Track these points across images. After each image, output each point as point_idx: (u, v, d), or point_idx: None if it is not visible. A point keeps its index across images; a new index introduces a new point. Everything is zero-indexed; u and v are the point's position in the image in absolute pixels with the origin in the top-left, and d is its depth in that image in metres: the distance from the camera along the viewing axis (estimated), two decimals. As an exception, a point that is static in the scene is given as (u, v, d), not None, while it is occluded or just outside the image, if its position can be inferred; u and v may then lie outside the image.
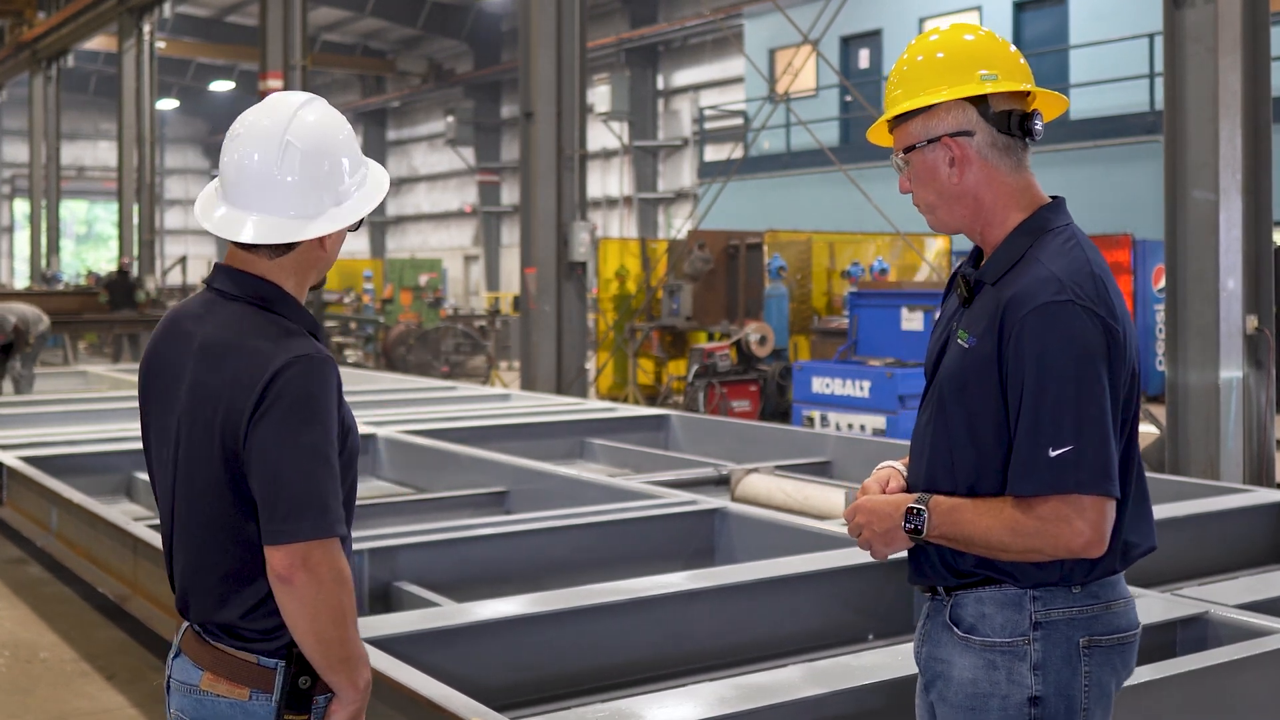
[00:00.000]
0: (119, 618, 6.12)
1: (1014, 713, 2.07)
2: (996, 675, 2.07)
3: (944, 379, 2.15)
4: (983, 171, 2.14)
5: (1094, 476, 1.98)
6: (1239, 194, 7.41)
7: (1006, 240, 2.14)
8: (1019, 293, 2.05)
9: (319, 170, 2.04)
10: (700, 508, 5.87)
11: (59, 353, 20.59)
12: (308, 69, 16.95)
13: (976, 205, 2.16)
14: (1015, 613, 2.08)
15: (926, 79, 2.17)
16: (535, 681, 4.08)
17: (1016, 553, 2.03)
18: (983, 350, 2.07)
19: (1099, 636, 2.08)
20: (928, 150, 2.16)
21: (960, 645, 2.12)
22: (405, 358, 19.02)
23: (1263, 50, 7.47)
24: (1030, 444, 2.00)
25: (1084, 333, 2.01)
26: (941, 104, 2.14)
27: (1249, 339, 7.43)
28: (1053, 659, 2.06)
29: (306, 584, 1.92)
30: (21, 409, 9.49)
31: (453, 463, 7.53)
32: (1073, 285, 2.03)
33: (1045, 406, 2.00)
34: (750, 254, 14.57)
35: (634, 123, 30.06)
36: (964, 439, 2.11)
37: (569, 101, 12.90)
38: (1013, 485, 2.03)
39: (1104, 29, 17.80)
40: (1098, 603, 2.09)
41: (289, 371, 1.95)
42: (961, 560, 2.11)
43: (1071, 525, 1.98)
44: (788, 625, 4.57)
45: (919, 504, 2.09)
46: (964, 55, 2.16)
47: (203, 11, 35.16)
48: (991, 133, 2.14)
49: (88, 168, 46.13)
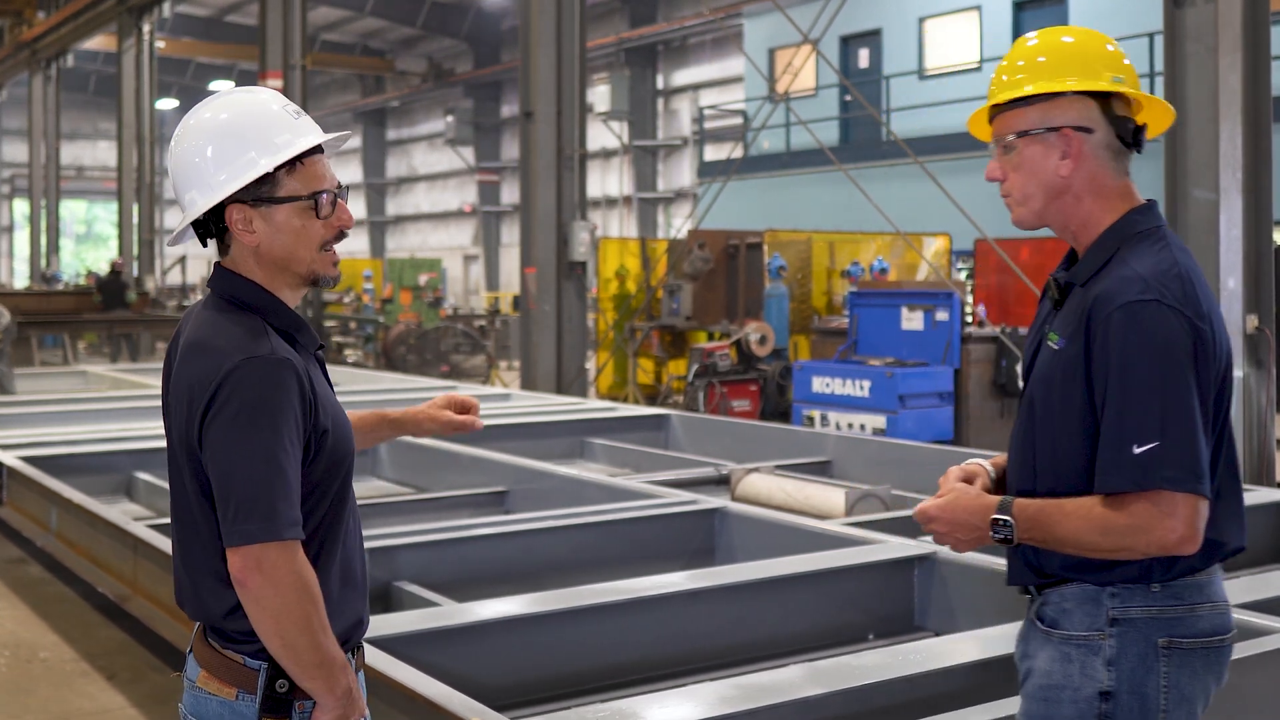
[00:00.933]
0: (119, 617, 6.12)
1: (1084, 706, 2.08)
2: (1070, 668, 2.10)
3: (1035, 381, 2.18)
4: (1092, 170, 2.15)
5: (1181, 473, 1.98)
6: (1239, 193, 7.41)
7: (1096, 242, 2.15)
8: (1104, 293, 2.06)
9: (190, 161, 2.07)
10: (700, 507, 5.87)
11: (59, 352, 20.59)
12: (307, 69, 16.96)
13: (1076, 203, 2.17)
14: (1094, 608, 2.09)
15: (1054, 68, 2.15)
16: (535, 681, 4.08)
17: (1107, 551, 2.03)
18: (1071, 351, 2.09)
19: (1180, 639, 2.07)
20: (1043, 138, 2.15)
21: (1042, 639, 2.15)
22: (405, 357, 19.01)
23: (1263, 50, 7.47)
24: (1115, 441, 2.02)
25: (1168, 331, 2.01)
26: (1066, 95, 2.13)
27: (1249, 338, 7.43)
28: (1128, 656, 2.07)
29: (262, 587, 1.92)
30: (21, 409, 9.49)
31: (453, 462, 7.53)
32: (1158, 285, 2.04)
33: (1130, 404, 2.01)
34: (750, 253, 14.57)
35: (634, 122, 30.05)
36: (1053, 439, 2.13)
37: (569, 101, 12.89)
38: (1100, 483, 2.04)
39: (1104, 28, 17.66)
40: (1181, 604, 2.08)
41: (238, 373, 1.94)
42: (1045, 561, 2.14)
43: (1163, 523, 1.98)
44: (788, 625, 4.57)
45: (1001, 513, 2.10)
46: (1093, 52, 2.16)
47: (202, 11, 35.15)
48: (1110, 134, 2.15)
49: (87, 167, 46.12)
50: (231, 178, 2.02)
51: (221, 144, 2.04)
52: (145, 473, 7.41)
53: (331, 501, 2.06)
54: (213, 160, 2.04)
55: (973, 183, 17.83)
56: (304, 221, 2.06)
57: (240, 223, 2.04)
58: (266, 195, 2.03)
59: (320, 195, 2.06)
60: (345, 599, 2.10)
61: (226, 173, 2.03)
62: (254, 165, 2.02)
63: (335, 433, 2.06)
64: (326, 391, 2.09)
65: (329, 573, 2.06)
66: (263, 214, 2.04)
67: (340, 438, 2.07)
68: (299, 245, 2.06)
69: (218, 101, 2.11)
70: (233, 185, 2.02)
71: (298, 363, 2.00)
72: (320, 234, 2.07)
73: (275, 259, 2.06)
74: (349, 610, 2.11)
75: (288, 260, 2.06)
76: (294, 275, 2.08)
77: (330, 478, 2.05)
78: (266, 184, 2.03)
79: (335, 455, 2.05)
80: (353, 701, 2.02)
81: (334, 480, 2.06)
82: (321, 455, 2.02)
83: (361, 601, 2.15)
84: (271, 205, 2.03)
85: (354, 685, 2.03)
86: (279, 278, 2.08)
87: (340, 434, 2.07)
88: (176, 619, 4.96)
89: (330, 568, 2.06)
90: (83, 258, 45.87)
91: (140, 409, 9.48)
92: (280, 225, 2.04)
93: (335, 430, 2.06)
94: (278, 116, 2.07)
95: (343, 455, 2.08)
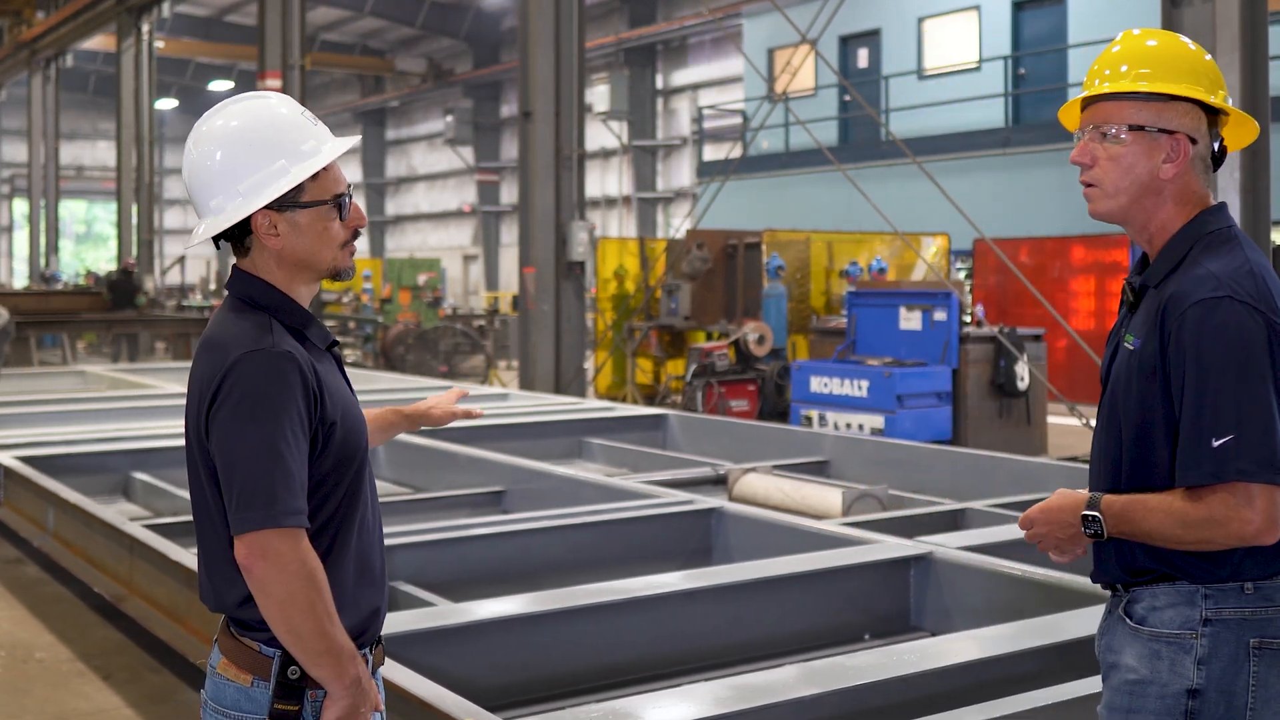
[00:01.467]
0: (115, 618, 6.11)
1: (1171, 702, 2.11)
2: (1159, 664, 2.12)
3: (1114, 382, 2.22)
4: (1186, 178, 2.19)
5: (1258, 465, 2.01)
6: (1237, 193, 7.42)
7: (1170, 243, 2.19)
8: (1178, 291, 2.10)
9: (211, 168, 2.10)
10: (697, 507, 5.87)
11: (58, 352, 20.58)
12: (306, 69, 16.95)
13: (1160, 206, 2.20)
14: (1188, 608, 2.12)
15: (1177, 71, 2.18)
16: (531, 681, 4.08)
17: (1190, 543, 2.07)
18: (1147, 350, 2.13)
19: (1272, 639, 2.09)
20: (1154, 137, 2.17)
21: (1130, 635, 2.17)
22: (404, 357, 19.00)
23: (1261, 49, 7.47)
24: (1193, 435, 2.05)
25: (1241, 326, 2.05)
26: (1183, 101, 2.17)
27: (1247, 338, 7.43)
28: (1219, 656, 2.09)
29: (267, 573, 1.97)
30: (19, 408, 9.48)
31: (450, 462, 7.52)
32: (1230, 282, 2.08)
33: (1206, 398, 2.05)
34: (749, 253, 14.56)
35: (633, 122, 30.05)
36: (1133, 438, 2.16)
37: (567, 101, 12.89)
38: (1180, 477, 2.08)
39: (1103, 28, 17.79)
40: (1273, 605, 2.10)
41: (240, 366, 2.01)
42: (1137, 559, 2.17)
43: (1240, 514, 2.02)
44: (784, 625, 4.56)
45: (1091, 508, 2.15)
46: (1207, 68, 2.21)
47: (201, 11, 35.14)
48: (1208, 148, 2.20)
49: (87, 167, 46.11)
50: (264, 185, 2.07)
51: (247, 151, 2.09)
52: (143, 473, 7.41)
53: (345, 494, 2.11)
54: (239, 167, 2.08)
55: (972, 183, 17.88)
56: (326, 224, 2.13)
57: (265, 227, 2.10)
58: (292, 200, 2.09)
59: (342, 199, 2.14)
60: (361, 592, 2.14)
61: (255, 180, 2.08)
62: (285, 173, 2.08)
63: (345, 426, 2.10)
64: (339, 386, 2.15)
65: (344, 565, 2.10)
66: (288, 218, 2.10)
67: (351, 432, 2.12)
68: (321, 246, 2.13)
69: (232, 108, 2.16)
70: (268, 194, 2.07)
71: (301, 356, 2.05)
72: (340, 234, 2.15)
73: (298, 259, 2.13)
74: (364, 603, 2.14)
75: (310, 260, 2.13)
76: (314, 272, 2.15)
77: (341, 470, 2.10)
78: (291, 189, 2.09)
79: (345, 449, 2.10)
80: (362, 691, 2.05)
81: (345, 473, 2.11)
82: (330, 448, 2.08)
83: (379, 595, 2.18)
84: (297, 210, 2.10)
85: (364, 675, 2.05)
86: (298, 276, 2.15)
87: (351, 428, 2.12)
88: (173, 619, 4.96)
89: (345, 560, 2.11)
90: (82, 258, 45.87)
91: (138, 409, 9.47)
92: (304, 229, 2.11)
93: (345, 424, 2.11)
94: (297, 122, 2.13)
95: (353, 449, 2.12)
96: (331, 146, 2.13)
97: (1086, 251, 15.64)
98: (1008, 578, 4.52)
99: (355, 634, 2.09)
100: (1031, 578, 4.46)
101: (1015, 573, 4.49)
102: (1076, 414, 9.79)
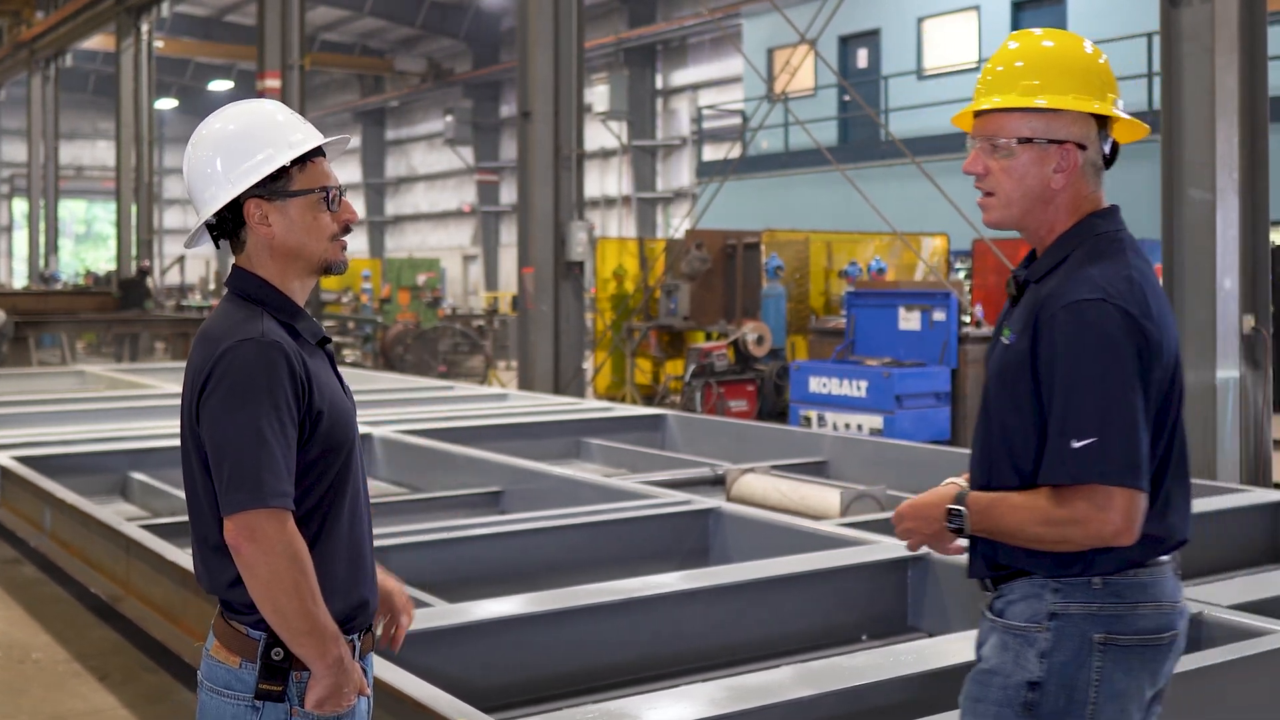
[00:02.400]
0: (112, 618, 6.11)
1: (1011, 693, 2.16)
2: (1005, 655, 2.18)
3: (990, 376, 2.26)
4: (1077, 184, 2.21)
5: (1118, 469, 2.04)
6: (1235, 193, 7.40)
7: (1055, 243, 2.22)
8: (1054, 291, 2.13)
9: (205, 165, 2.21)
10: (695, 508, 5.86)
11: (57, 352, 20.57)
12: (306, 69, 16.95)
13: (1054, 212, 2.22)
14: (1036, 602, 2.16)
15: (1065, 81, 2.20)
16: (528, 682, 4.07)
17: (1050, 543, 2.11)
18: (1020, 346, 2.16)
19: (1118, 635, 2.13)
20: (1043, 148, 2.19)
21: (990, 627, 2.24)
22: (403, 357, 19.00)
23: (1259, 49, 7.46)
24: (1057, 436, 2.09)
25: (1112, 330, 2.07)
26: (1072, 111, 2.19)
27: (1246, 338, 7.42)
28: (1062, 649, 2.13)
29: (254, 554, 2.04)
30: (17, 408, 9.47)
31: (448, 462, 7.51)
32: (1106, 284, 2.10)
33: (1072, 399, 2.07)
34: (748, 253, 14.56)
35: (632, 122, 30.04)
36: (1003, 434, 2.20)
37: (566, 101, 12.88)
38: (1043, 476, 2.11)
39: (1101, 28, 17.79)
40: (1122, 602, 2.13)
41: (231, 354, 2.09)
42: (998, 554, 2.21)
43: (1100, 515, 2.05)
44: (781, 625, 4.55)
45: (957, 504, 2.19)
46: (1099, 71, 2.23)
47: (201, 11, 35.13)
48: (1098, 153, 2.23)
49: (86, 167, 46.11)
50: (251, 171, 2.18)
51: (237, 144, 2.20)
52: (140, 473, 7.39)
53: (332, 483, 2.18)
54: (230, 160, 2.19)
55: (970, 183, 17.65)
56: (316, 214, 2.21)
57: (257, 217, 2.19)
58: (282, 189, 2.19)
59: (329, 189, 2.23)
60: (352, 580, 2.21)
61: (244, 167, 2.18)
62: (271, 160, 2.18)
63: (331, 417, 2.17)
64: (328, 379, 2.22)
65: (335, 552, 2.18)
66: (278, 207, 2.19)
67: (337, 424, 2.18)
68: (311, 237, 2.21)
69: (227, 112, 2.28)
70: (254, 176, 2.17)
71: (289, 346, 2.13)
72: (330, 227, 2.23)
73: (289, 250, 2.21)
74: (354, 593, 2.21)
75: (301, 251, 2.21)
76: (307, 265, 2.23)
77: (328, 459, 2.17)
78: (281, 179, 2.19)
79: (332, 439, 2.17)
80: (345, 672, 2.11)
81: (333, 461, 2.17)
82: (317, 436, 2.14)
83: (369, 586, 2.26)
84: (286, 199, 2.19)
85: (347, 656, 2.12)
86: (292, 268, 2.22)
87: (338, 420, 2.19)
88: (169, 620, 4.96)
89: (336, 547, 2.18)
90: (82, 257, 45.87)
91: (137, 409, 9.46)
92: (294, 218, 2.20)
93: (332, 414, 2.17)
94: (289, 120, 2.25)
95: (340, 439, 2.19)
96: (317, 136, 2.24)
97: (1086, 252, 15.62)
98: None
99: (345, 619, 2.16)
100: (1029, 578, 4.45)
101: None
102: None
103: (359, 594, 2.22)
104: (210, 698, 2.15)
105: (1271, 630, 3.78)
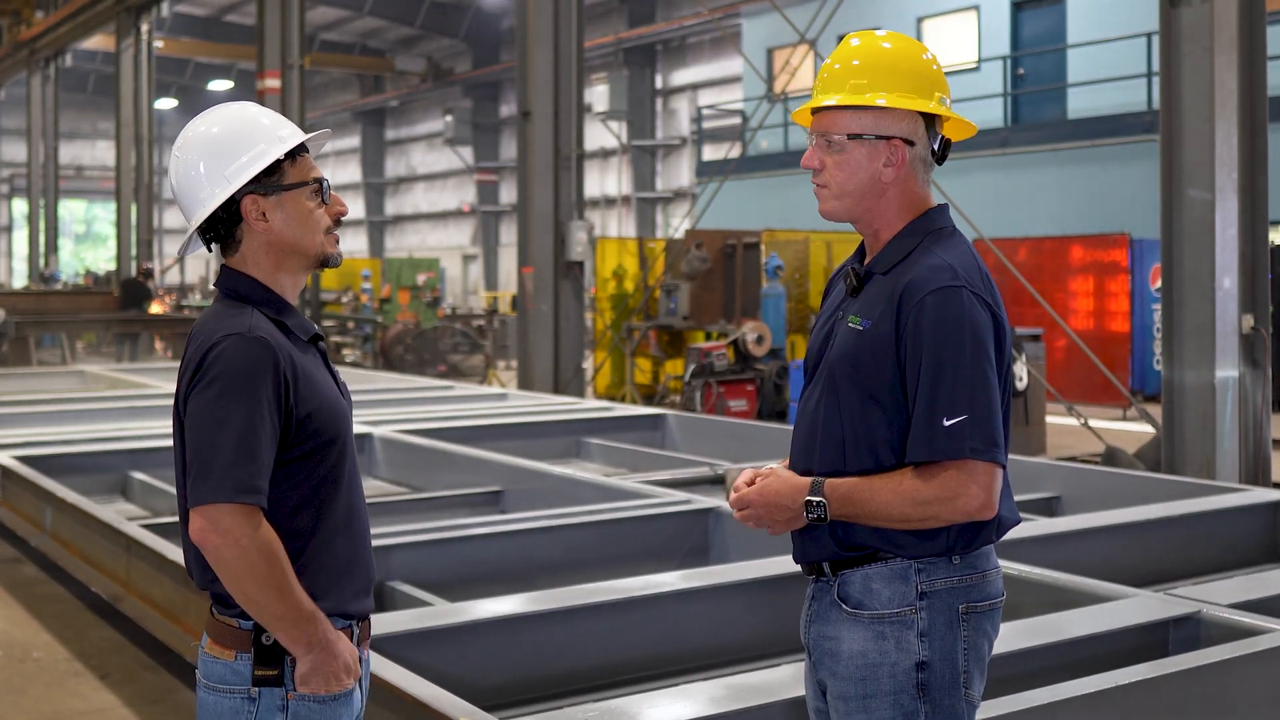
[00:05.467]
0: (112, 617, 6.11)
1: (903, 679, 2.20)
2: (886, 645, 2.20)
3: (835, 362, 2.29)
4: (906, 178, 2.30)
5: (985, 444, 2.15)
6: (1235, 193, 7.41)
7: (898, 236, 2.30)
8: (916, 278, 2.21)
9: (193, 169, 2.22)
10: (694, 507, 5.86)
11: (57, 352, 20.57)
12: (305, 68, 16.95)
13: (884, 204, 2.31)
14: (903, 584, 2.21)
15: (894, 81, 2.29)
16: (528, 681, 4.07)
17: (917, 521, 2.17)
18: (880, 331, 2.22)
19: (975, 603, 2.24)
20: (872, 143, 2.28)
21: (849, 621, 2.24)
22: (403, 357, 19.00)
23: (1259, 49, 7.46)
24: (927, 414, 2.16)
25: (975, 316, 2.18)
26: (900, 109, 2.28)
27: (1245, 338, 7.42)
28: (937, 626, 2.21)
29: (220, 548, 2.04)
30: (17, 408, 9.48)
31: (448, 462, 7.51)
32: (965, 274, 2.21)
33: (942, 380, 2.15)
34: (747, 253, 14.56)
35: (632, 122, 30.05)
36: (858, 417, 2.24)
37: (566, 101, 12.88)
38: (911, 454, 2.18)
39: (1101, 28, 17.80)
40: (975, 572, 2.25)
41: (215, 349, 2.10)
42: (852, 535, 2.24)
43: (967, 490, 2.14)
44: (781, 625, 4.55)
45: (814, 494, 2.21)
46: (927, 72, 2.32)
47: (201, 10, 35.14)
48: (927, 149, 2.32)
49: (86, 167, 46.11)
50: (246, 166, 2.19)
51: (227, 145, 2.21)
52: (141, 472, 7.40)
53: (324, 477, 2.18)
54: (222, 160, 2.20)
55: (970, 183, 17.86)
56: (310, 208, 2.23)
57: (255, 213, 2.20)
58: (276, 184, 2.20)
59: (321, 180, 2.25)
60: (349, 570, 2.22)
61: (238, 164, 2.19)
62: (265, 155, 2.19)
63: (321, 414, 2.17)
64: (319, 376, 2.22)
65: (331, 543, 2.19)
66: (274, 203, 2.20)
67: (327, 420, 2.19)
68: (308, 229, 2.23)
69: (208, 117, 2.28)
70: (251, 171, 2.18)
71: (276, 342, 2.14)
72: (324, 219, 2.25)
73: (287, 245, 2.22)
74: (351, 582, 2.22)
75: (298, 245, 2.23)
76: (304, 259, 2.24)
77: (320, 453, 2.18)
78: (275, 174, 2.20)
79: (323, 434, 2.17)
80: (327, 649, 2.11)
81: (325, 455, 2.18)
82: (306, 431, 2.15)
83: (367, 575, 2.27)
84: (282, 192, 2.20)
85: (330, 635, 2.12)
86: (285, 264, 2.24)
87: (328, 416, 2.19)
88: (170, 619, 4.96)
89: (332, 538, 2.19)
90: (81, 257, 45.88)
91: (136, 409, 9.47)
92: (291, 212, 2.21)
93: (322, 410, 2.18)
94: (274, 118, 2.27)
95: (331, 434, 2.19)
96: (301, 132, 2.27)
97: (1085, 251, 15.63)
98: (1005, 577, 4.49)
99: (340, 611, 2.18)
100: (1029, 577, 4.46)
101: (1012, 572, 4.49)
102: (1075, 414, 9.79)
103: (356, 583, 2.23)
104: (208, 694, 2.17)
105: (1271, 629, 3.78)
